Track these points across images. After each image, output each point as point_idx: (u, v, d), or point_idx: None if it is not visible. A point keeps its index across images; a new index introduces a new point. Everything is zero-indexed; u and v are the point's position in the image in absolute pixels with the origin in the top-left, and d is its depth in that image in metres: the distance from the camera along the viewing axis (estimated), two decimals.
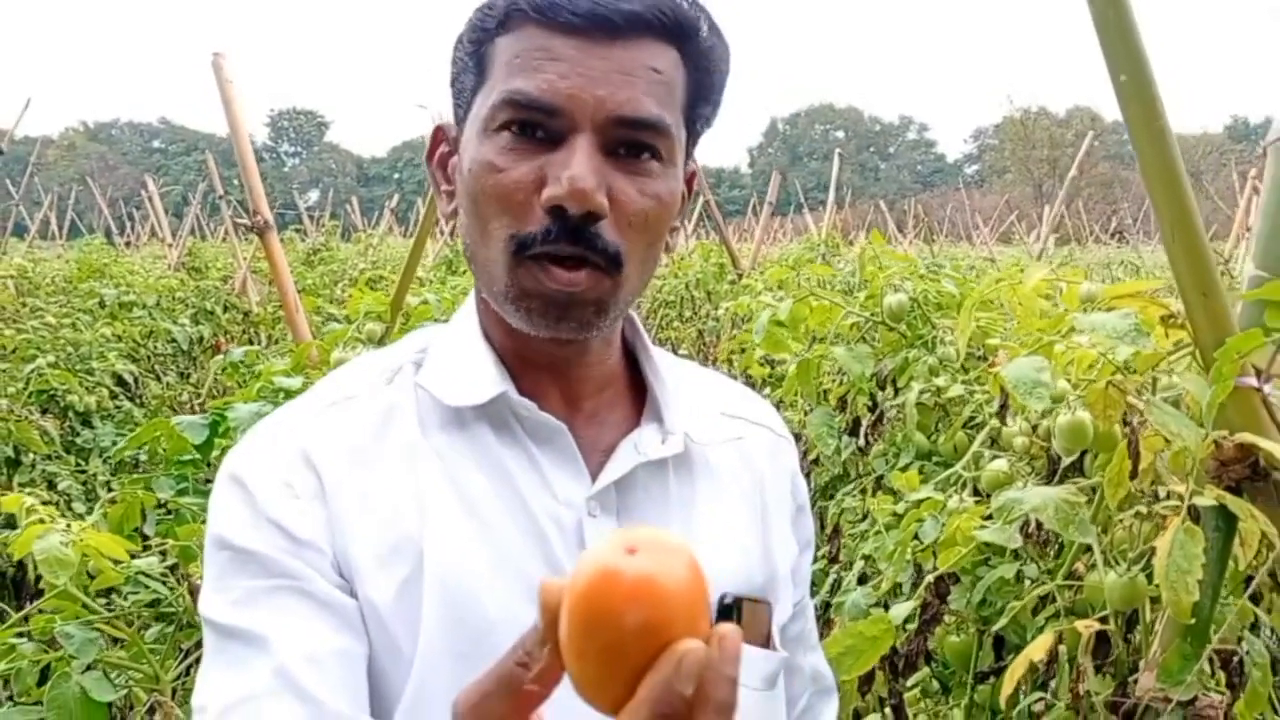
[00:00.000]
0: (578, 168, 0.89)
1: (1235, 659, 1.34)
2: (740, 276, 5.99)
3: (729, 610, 0.98)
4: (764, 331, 2.10)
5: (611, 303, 0.95)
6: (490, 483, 0.96)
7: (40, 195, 15.03)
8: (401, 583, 0.91)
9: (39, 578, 2.81)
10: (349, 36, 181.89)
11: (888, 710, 1.80)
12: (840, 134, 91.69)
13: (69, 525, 1.52)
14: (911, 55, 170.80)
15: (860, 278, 2.77)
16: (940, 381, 1.93)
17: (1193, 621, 1.20)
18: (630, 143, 0.92)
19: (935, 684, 1.94)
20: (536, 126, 0.91)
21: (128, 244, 15.66)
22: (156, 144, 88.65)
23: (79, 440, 4.18)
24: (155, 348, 5.62)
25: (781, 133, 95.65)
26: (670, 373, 1.08)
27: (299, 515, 0.92)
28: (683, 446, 1.02)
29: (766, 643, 1.00)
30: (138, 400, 4.81)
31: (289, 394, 2.03)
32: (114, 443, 4.24)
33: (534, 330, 0.95)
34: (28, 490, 3.66)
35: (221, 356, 6.01)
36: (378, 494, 0.94)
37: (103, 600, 1.63)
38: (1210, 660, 1.34)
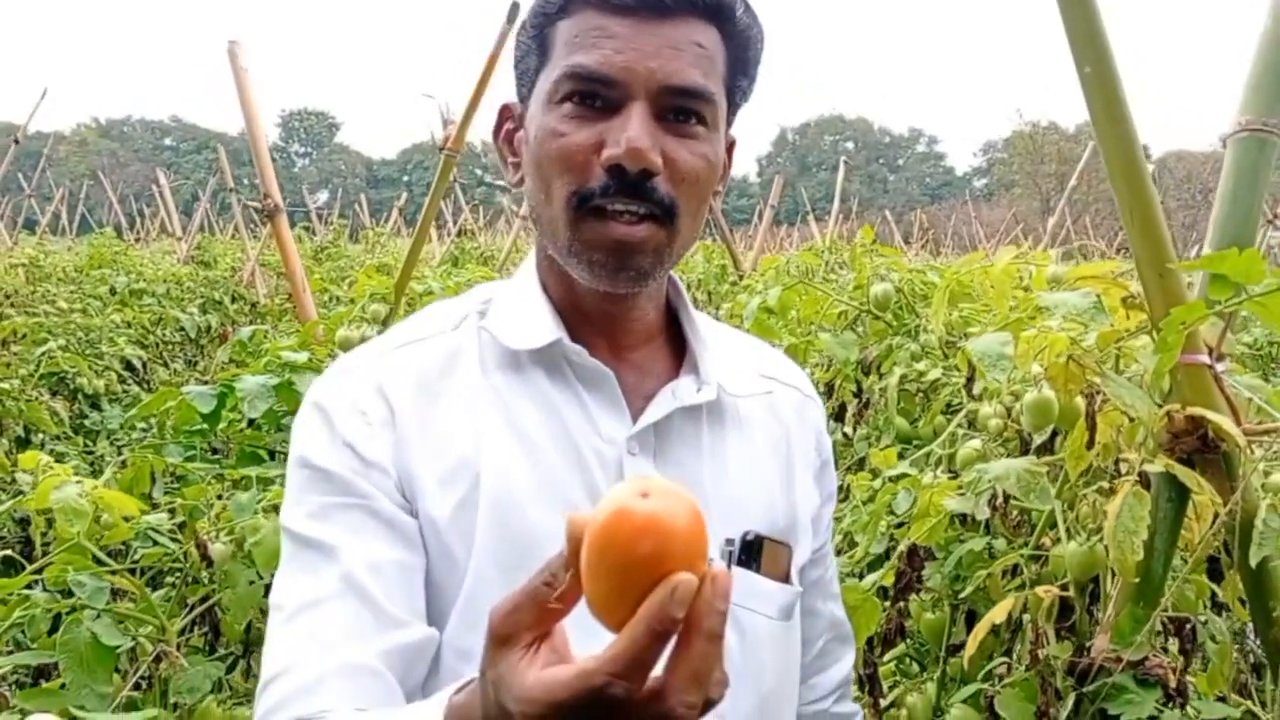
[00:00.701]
0: (634, 130, 1.00)
1: (1188, 627, 1.41)
2: (741, 278, 6.07)
3: (752, 545, 1.09)
4: (753, 318, 2.18)
5: (667, 253, 1.06)
6: (542, 418, 1.08)
7: (51, 190, 15.12)
8: (459, 501, 1.03)
9: (46, 545, 2.89)
10: (360, 38, 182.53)
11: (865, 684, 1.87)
12: (850, 145, 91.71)
13: (81, 482, 1.60)
14: (922, 68, 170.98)
15: (852, 270, 2.83)
16: (921, 366, 2.00)
17: (1139, 582, 1.26)
18: (679, 109, 1.03)
19: (915, 666, 2.01)
20: (595, 96, 1.02)
21: (138, 239, 15.75)
22: (168, 141, 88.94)
23: (87, 422, 4.26)
24: (164, 335, 5.72)
25: (791, 143, 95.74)
26: (709, 332, 1.19)
27: (370, 440, 1.04)
28: (716, 395, 1.13)
29: (785, 579, 1.14)
30: (145, 385, 4.89)
31: (294, 367, 2.11)
32: (122, 426, 4.32)
33: (595, 282, 1.06)
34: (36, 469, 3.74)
35: (229, 344, 6.10)
36: (441, 423, 1.06)
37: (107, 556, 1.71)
38: (1165, 628, 1.41)
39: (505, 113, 1.16)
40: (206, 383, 5.52)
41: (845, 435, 2.29)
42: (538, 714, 0.67)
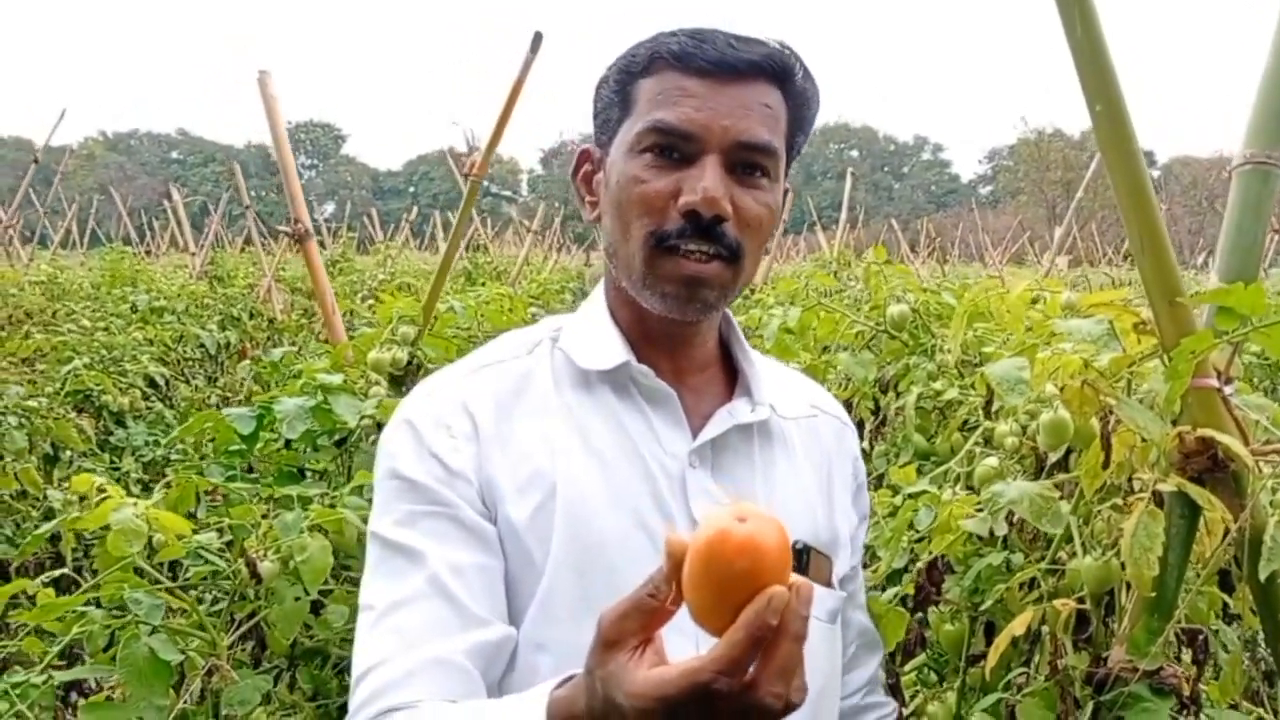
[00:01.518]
0: (709, 181, 1.12)
1: (1201, 638, 1.47)
2: (753, 291, 6.14)
3: (801, 555, 1.19)
4: (774, 338, 2.25)
5: (731, 289, 1.19)
6: (611, 433, 1.19)
7: (62, 205, 15.23)
8: (535, 508, 1.13)
9: (77, 560, 2.95)
10: (366, 50, 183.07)
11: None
12: (855, 153, 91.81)
13: (137, 503, 1.67)
14: (927, 75, 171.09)
15: (866, 290, 2.89)
16: (938, 385, 2.07)
17: (1155, 596, 1.33)
18: (747, 163, 1.16)
19: (933, 676, 2.07)
20: (674, 149, 1.14)
21: (148, 253, 15.84)
22: (175, 155, 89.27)
23: (113, 439, 4.33)
24: (185, 352, 5.81)
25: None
26: (759, 361, 1.32)
27: (454, 452, 1.15)
28: (768, 415, 1.25)
29: (828, 586, 1.26)
30: (168, 402, 4.97)
31: (328, 389, 2.18)
32: (146, 442, 4.39)
33: (666, 311, 1.17)
34: (63, 486, 3.82)
35: (248, 362, 6.18)
36: (519, 437, 1.17)
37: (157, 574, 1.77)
38: (1178, 638, 1.47)
39: (584, 157, 1.27)
40: (229, 399, 5.57)
41: (864, 451, 2.35)
42: (647, 708, 0.77)
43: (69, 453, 4.00)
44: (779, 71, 1.17)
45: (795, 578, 0.75)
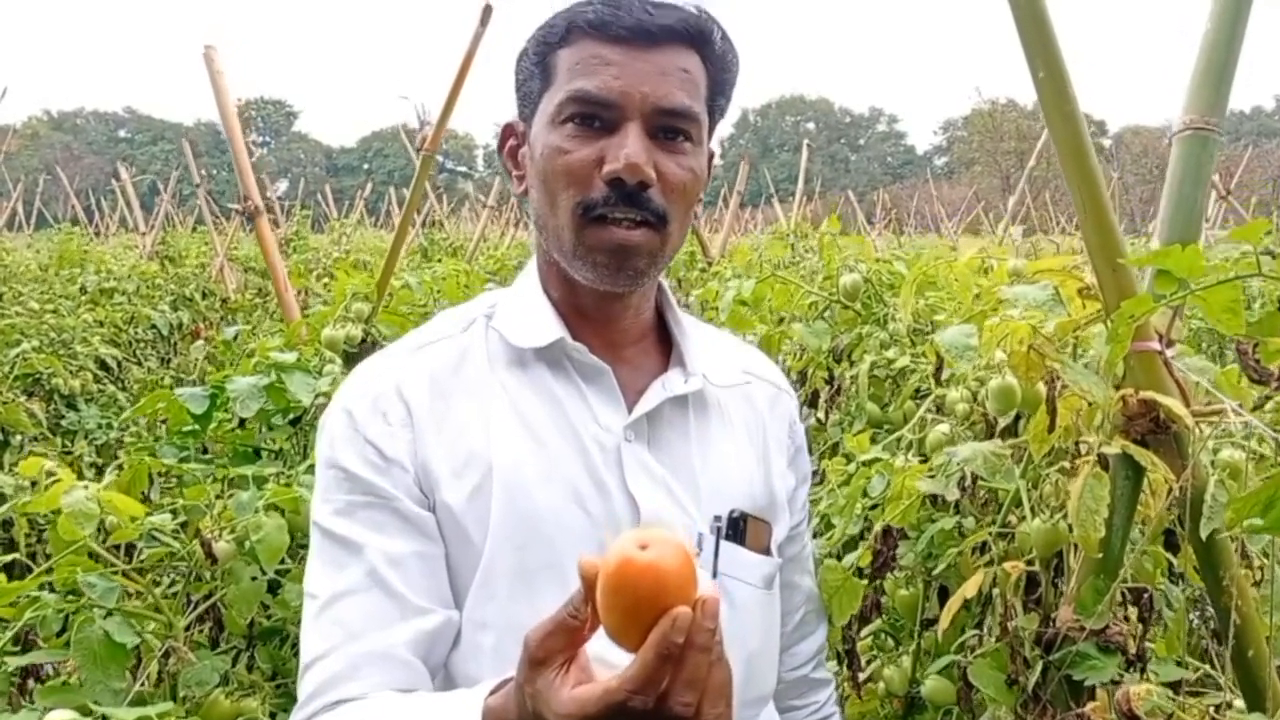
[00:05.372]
0: (632, 148, 1.12)
1: (1146, 596, 1.51)
2: (710, 265, 6.15)
3: (738, 522, 1.21)
4: (728, 310, 2.26)
5: (660, 255, 1.18)
6: (546, 410, 1.18)
7: (6, 186, 14.90)
8: (473, 489, 1.14)
9: (30, 546, 2.91)
10: (318, 26, 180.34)
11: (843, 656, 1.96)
12: (811, 125, 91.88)
13: (88, 486, 1.64)
14: (882, 47, 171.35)
15: (822, 261, 2.91)
16: (891, 354, 2.09)
17: (1101, 556, 1.35)
18: (668, 128, 1.15)
19: (889, 641, 2.10)
20: (595, 117, 1.14)
21: (97, 233, 15.55)
22: (122, 134, 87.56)
23: (64, 422, 4.27)
24: (136, 333, 5.72)
25: (753, 124, 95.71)
26: (694, 330, 1.32)
27: (390, 439, 1.15)
28: (701, 385, 1.25)
29: (766, 552, 1.27)
30: (121, 384, 4.90)
31: (282, 367, 2.16)
32: (99, 425, 4.33)
33: (598, 281, 1.17)
34: (14, 472, 3.76)
35: (201, 342, 6.10)
36: (454, 418, 1.17)
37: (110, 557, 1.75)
38: (1124, 597, 1.50)
39: (508, 131, 1.27)
40: (182, 380, 5.51)
41: (819, 421, 2.37)
42: None
43: (20, 437, 3.94)
44: (696, 36, 1.17)
45: (702, 593, 0.79)
